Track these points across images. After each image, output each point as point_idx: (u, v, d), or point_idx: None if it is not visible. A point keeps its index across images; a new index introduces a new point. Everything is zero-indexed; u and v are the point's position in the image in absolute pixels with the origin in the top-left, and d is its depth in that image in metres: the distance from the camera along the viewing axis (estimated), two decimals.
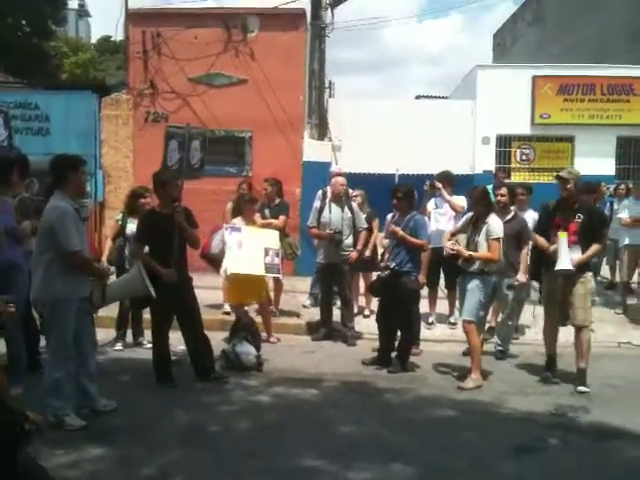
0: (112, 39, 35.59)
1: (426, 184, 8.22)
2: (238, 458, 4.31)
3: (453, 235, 6.58)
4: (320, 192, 8.29)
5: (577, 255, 5.94)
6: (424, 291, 7.37)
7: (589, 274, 6.17)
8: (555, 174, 6.56)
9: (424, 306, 7.60)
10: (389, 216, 7.17)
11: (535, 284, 7.01)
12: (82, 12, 46.55)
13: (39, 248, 4.81)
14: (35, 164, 6.23)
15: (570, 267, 5.88)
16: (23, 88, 13.69)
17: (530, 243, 6.96)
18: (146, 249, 5.94)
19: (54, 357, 4.77)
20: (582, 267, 6.00)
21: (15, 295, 4.64)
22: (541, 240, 6.24)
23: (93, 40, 39.07)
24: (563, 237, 5.92)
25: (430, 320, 8.18)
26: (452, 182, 8.27)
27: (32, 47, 25.88)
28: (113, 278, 6.04)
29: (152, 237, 5.84)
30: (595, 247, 6.06)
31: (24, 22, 26.23)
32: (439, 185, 8.01)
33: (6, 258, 5.35)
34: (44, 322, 4.86)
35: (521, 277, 7.02)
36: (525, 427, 5.01)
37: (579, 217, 6.03)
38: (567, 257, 5.89)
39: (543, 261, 6.25)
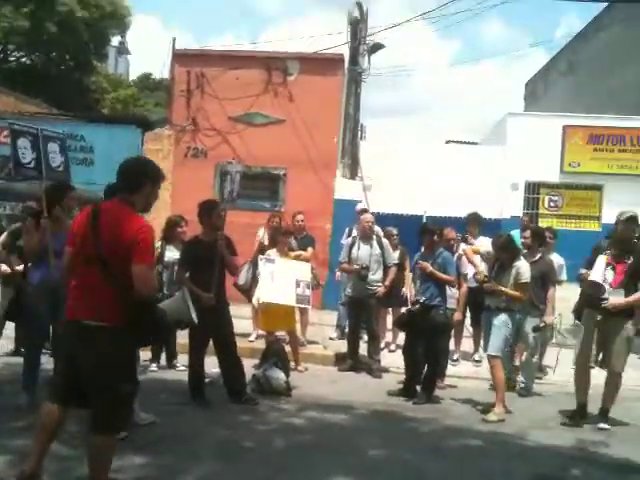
0: (152, 77, 36.90)
1: (458, 237, 8.41)
2: (272, 472, 4.54)
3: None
4: (347, 229, 8.73)
5: (619, 298, 5.84)
6: None
7: (629, 321, 6.00)
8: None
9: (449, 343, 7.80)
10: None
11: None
12: (122, 49, 48.25)
13: None
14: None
15: (600, 282, 5.81)
16: (68, 120, 14.36)
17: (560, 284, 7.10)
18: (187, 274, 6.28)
19: None
20: (624, 312, 5.89)
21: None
22: (587, 276, 6.11)
23: (131, 77, 40.47)
24: (604, 258, 5.93)
25: (455, 357, 8.36)
26: (480, 223, 8.59)
27: (73, 81, 26.98)
28: None
29: (194, 263, 6.16)
30: None
31: (67, 57, 27.42)
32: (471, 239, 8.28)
33: (57, 277, 5.71)
34: None
35: (548, 319, 7.24)
36: (547, 458, 5.19)
37: (629, 258, 5.93)
38: (600, 273, 5.86)
39: (587, 302, 6.10)
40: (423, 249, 7.12)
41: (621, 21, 20.00)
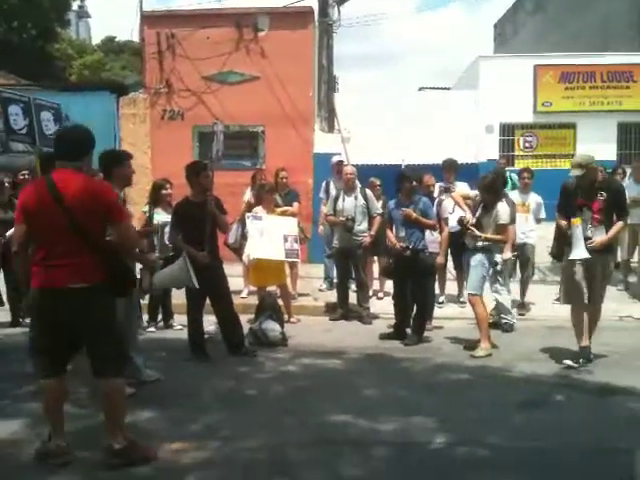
0: (116, 40, 36.16)
1: (441, 187, 8.59)
2: (274, 416, 4.82)
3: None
4: (324, 184, 8.98)
5: (601, 236, 5.91)
6: None
7: (611, 255, 6.19)
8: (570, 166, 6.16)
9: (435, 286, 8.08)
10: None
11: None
12: (82, 13, 46.99)
13: None
14: None
15: (587, 255, 5.77)
16: (40, 89, 14.15)
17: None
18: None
19: None
20: (607, 247, 6.00)
21: None
22: (561, 222, 6.14)
23: (94, 41, 39.58)
24: (577, 223, 5.82)
25: (441, 300, 8.66)
26: (456, 169, 8.79)
27: (37, 50, 26.40)
28: None
29: (186, 223, 6.32)
30: (619, 225, 6.05)
31: (29, 25, 26.76)
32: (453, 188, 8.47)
33: None
34: None
35: (505, 255, 7.37)
36: (532, 386, 5.53)
37: (602, 195, 5.95)
38: (582, 245, 5.78)
39: (566, 242, 6.05)
40: (400, 196, 7.30)
41: None
